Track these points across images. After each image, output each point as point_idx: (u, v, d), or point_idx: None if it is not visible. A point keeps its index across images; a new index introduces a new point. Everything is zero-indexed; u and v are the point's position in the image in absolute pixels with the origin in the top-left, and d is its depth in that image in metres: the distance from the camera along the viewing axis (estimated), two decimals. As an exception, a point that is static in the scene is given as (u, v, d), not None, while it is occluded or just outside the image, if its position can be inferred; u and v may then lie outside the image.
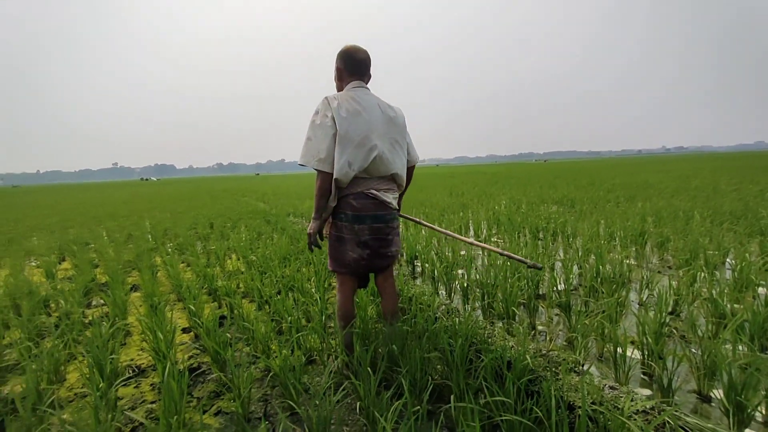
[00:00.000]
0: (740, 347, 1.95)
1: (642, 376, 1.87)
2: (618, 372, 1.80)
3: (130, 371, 2.14)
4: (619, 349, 1.81)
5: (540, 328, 2.42)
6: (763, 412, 1.53)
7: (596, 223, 4.84)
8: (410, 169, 2.09)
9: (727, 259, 3.45)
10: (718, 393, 1.64)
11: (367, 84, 1.94)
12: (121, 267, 3.93)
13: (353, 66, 1.90)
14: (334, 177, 1.77)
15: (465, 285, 2.82)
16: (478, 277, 2.96)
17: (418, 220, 2.60)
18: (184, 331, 2.65)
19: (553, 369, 1.67)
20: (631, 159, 71.50)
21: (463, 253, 3.87)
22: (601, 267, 2.88)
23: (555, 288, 2.74)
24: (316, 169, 1.79)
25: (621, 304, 2.48)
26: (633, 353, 1.97)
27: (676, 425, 1.29)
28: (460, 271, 3.35)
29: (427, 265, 3.63)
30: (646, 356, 1.90)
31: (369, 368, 1.58)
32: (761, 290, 2.60)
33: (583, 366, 1.81)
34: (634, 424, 1.22)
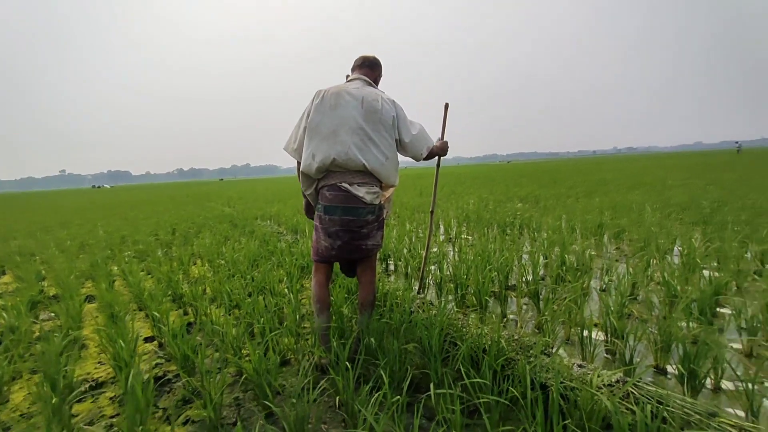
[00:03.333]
0: (691, 323, 2.11)
1: (605, 354, 1.97)
2: (585, 352, 1.89)
3: (87, 386, 1.99)
4: (584, 332, 1.91)
5: (511, 316, 2.49)
6: (713, 378, 1.66)
7: (559, 218, 5.07)
8: (431, 156, 2.11)
9: (676, 246, 3.72)
10: (673, 366, 1.76)
11: (371, 78, 2.01)
12: (73, 277, 3.66)
13: (356, 64, 2.05)
14: (300, 169, 1.93)
15: (438, 280, 2.86)
16: (450, 271, 3.01)
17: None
18: (147, 340, 2.50)
19: (526, 353, 1.73)
20: (587, 159, 75.69)
21: (434, 250, 3.93)
22: (566, 257, 3.01)
23: (524, 278, 2.83)
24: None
25: (585, 290, 2.61)
26: (597, 335, 2.08)
27: (638, 394, 1.37)
28: (432, 267, 3.40)
29: (400, 262, 3.64)
30: (609, 336, 2.01)
31: (347, 363, 1.57)
32: (705, 272, 2.82)
33: (552, 348, 1.89)
34: (602, 396, 1.28)
